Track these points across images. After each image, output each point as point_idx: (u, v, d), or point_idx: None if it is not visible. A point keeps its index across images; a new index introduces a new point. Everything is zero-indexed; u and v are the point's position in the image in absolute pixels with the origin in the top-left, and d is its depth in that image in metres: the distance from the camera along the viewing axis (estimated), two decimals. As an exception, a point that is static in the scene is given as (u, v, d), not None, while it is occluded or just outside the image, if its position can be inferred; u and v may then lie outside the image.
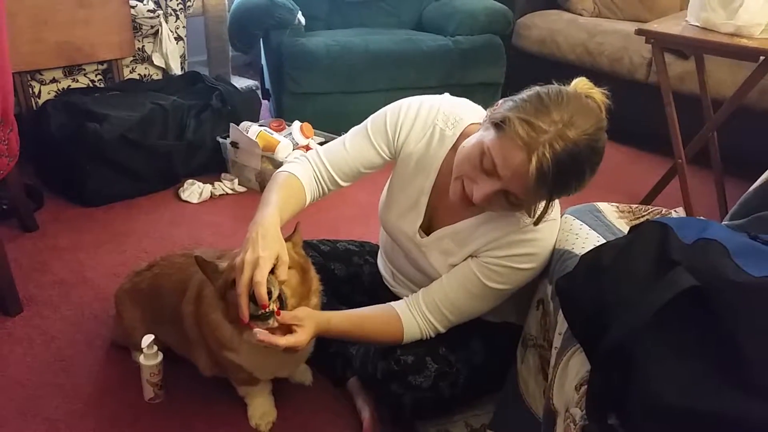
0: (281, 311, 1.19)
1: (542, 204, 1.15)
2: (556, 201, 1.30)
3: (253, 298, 1.13)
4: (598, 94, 1.13)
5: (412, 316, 1.34)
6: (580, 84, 1.13)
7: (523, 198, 1.12)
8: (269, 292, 1.13)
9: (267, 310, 1.15)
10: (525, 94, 1.12)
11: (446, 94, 1.39)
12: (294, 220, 1.34)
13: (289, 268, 1.21)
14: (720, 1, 2.12)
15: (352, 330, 1.33)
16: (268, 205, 1.23)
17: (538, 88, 1.12)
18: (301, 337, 1.20)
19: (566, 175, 1.07)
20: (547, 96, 1.09)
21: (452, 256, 1.35)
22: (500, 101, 1.15)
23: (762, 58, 2.06)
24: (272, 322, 1.18)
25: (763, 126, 2.70)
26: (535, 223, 1.21)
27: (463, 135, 1.29)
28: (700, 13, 2.19)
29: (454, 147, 1.29)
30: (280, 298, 1.19)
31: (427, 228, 1.40)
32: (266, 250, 1.13)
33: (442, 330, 1.35)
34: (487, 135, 1.12)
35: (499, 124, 1.10)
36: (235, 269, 1.16)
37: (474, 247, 1.31)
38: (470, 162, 1.15)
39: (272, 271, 1.15)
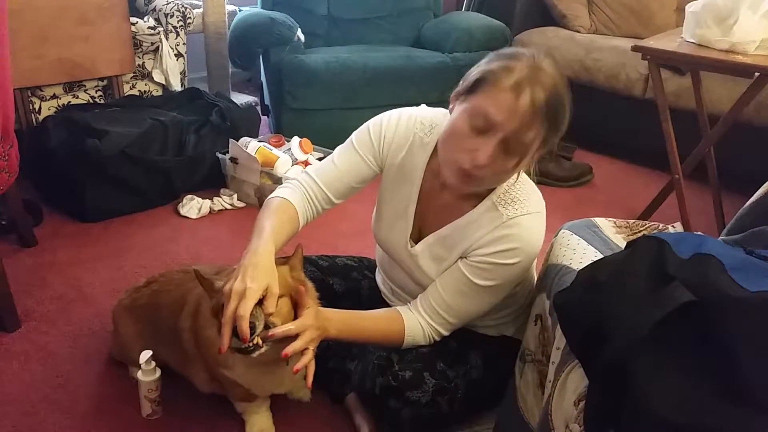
0: (273, 333, 1.17)
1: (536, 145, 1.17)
2: (537, 193, 1.32)
3: (237, 330, 1.10)
4: None
5: (414, 317, 1.36)
6: None
7: (523, 139, 1.13)
8: (253, 327, 1.11)
9: (249, 344, 1.13)
10: (486, 58, 1.19)
11: (423, 105, 1.42)
12: (294, 240, 1.35)
13: (282, 296, 1.20)
14: (715, 18, 2.14)
15: (352, 323, 1.33)
16: (262, 233, 1.23)
17: (491, 53, 1.20)
18: (306, 320, 1.20)
19: (556, 107, 1.13)
20: (507, 50, 1.19)
21: (443, 261, 1.36)
22: (462, 79, 1.21)
23: (757, 74, 2.07)
24: (256, 355, 1.17)
25: (760, 141, 2.72)
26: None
27: None
28: (696, 30, 2.21)
29: (435, 152, 1.33)
30: (267, 330, 1.18)
31: (417, 237, 1.41)
32: (255, 281, 1.13)
33: (445, 333, 1.37)
34: (468, 102, 1.16)
35: (478, 82, 1.15)
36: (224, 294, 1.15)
37: (462, 249, 1.32)
38: (459, 136, 1.17)
39: (261, 302, 1.14)
